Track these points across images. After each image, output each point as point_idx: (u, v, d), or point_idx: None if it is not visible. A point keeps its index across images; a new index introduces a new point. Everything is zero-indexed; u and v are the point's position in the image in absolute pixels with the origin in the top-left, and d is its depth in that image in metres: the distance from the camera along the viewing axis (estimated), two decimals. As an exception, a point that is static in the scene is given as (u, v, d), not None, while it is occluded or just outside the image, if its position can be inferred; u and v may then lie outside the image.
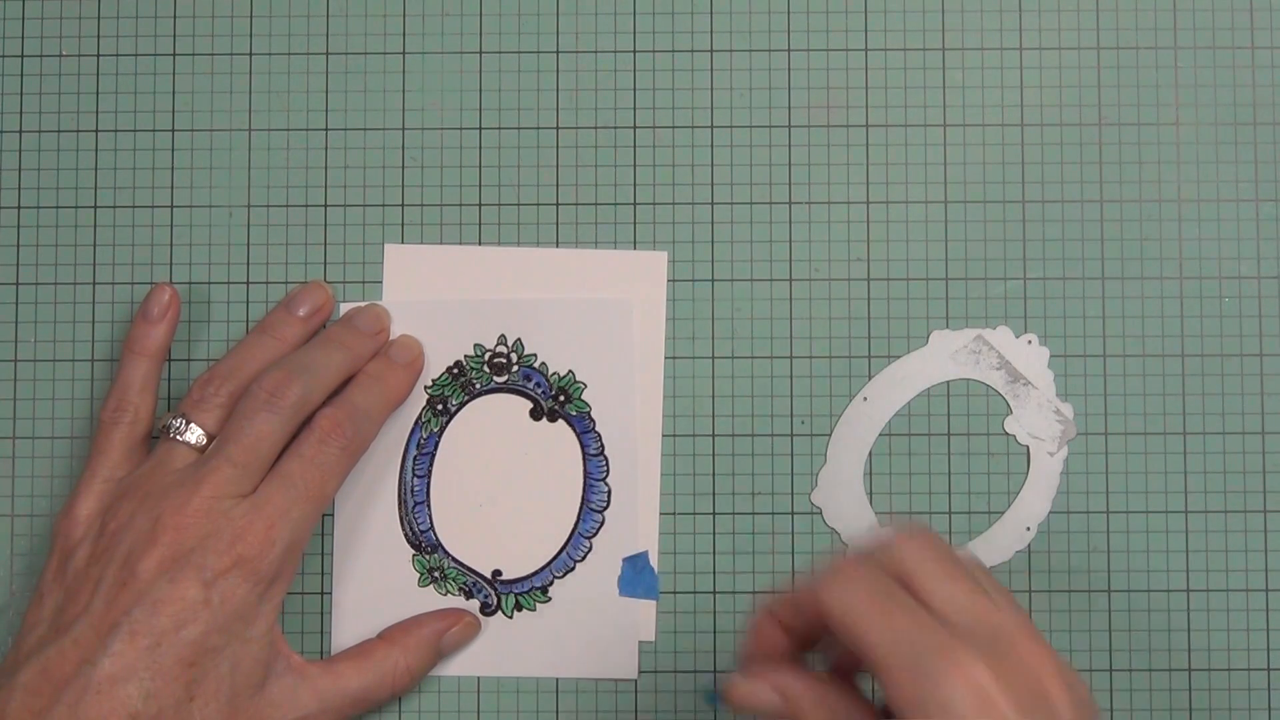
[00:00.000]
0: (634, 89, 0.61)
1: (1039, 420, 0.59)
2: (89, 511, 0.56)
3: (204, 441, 0.56)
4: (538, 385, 0.60)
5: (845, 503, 0.59)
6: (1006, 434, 0.59)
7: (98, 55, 0.61)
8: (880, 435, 0.59)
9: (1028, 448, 0.59)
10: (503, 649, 0.60)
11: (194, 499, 0.54)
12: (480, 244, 0.61)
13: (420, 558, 0.60)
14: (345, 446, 0.56)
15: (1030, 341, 0.59)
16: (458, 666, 0.59)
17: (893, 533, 0.49)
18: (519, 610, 0.60)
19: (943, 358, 0.59)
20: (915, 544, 0.48)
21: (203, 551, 0.53)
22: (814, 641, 0.50)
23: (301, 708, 0.55)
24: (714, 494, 0.60)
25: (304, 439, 0.56)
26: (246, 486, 0.55)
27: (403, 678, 0.58)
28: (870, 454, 0.59)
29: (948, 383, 0.59)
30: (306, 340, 0.59)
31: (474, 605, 0.60)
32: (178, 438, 0.56)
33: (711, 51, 0.61)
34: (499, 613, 0.60)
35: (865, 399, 0.59)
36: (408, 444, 0.60)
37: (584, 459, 0.60)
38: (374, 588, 0.60)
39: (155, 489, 0.55)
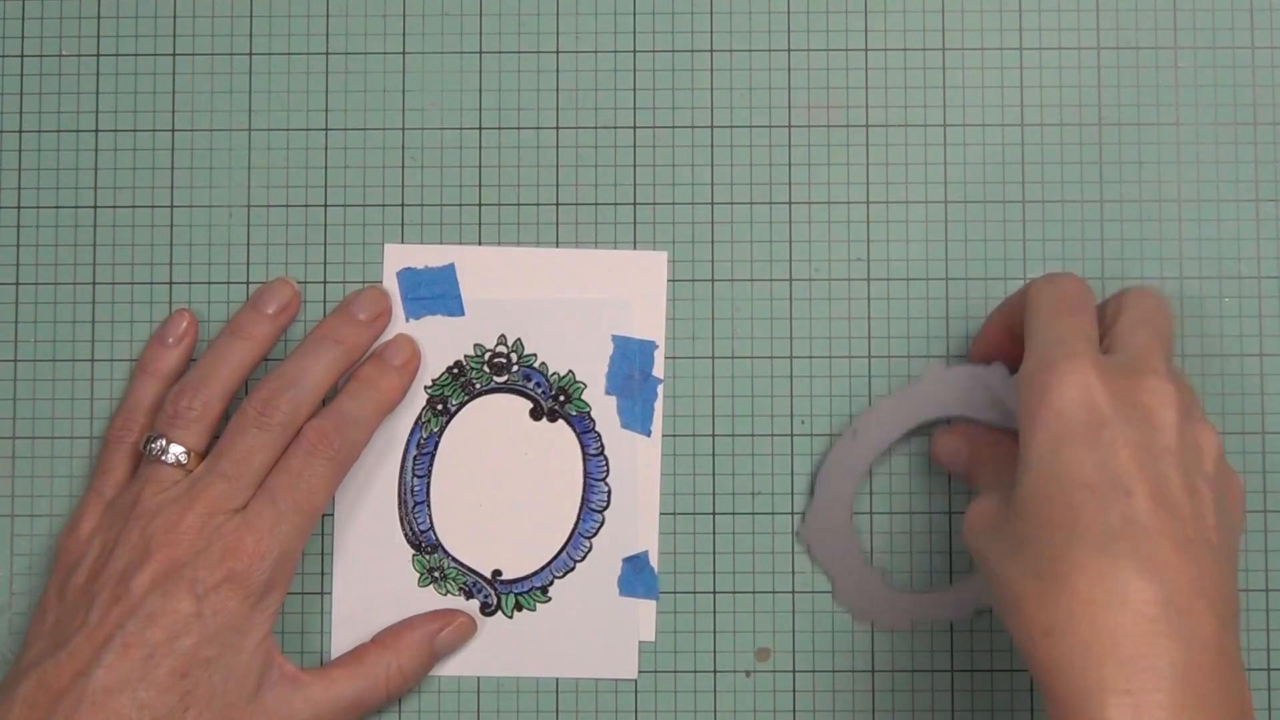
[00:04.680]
0: (634, 89, 0.59)
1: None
2: (90, 530, 0.54)
3: (185, 459, 0.54)
4: (538, 385, 0.58)
5: (832, 543, 0.57)
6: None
7: (98, 55, 0.59)
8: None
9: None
10: (503, 649, 0.57)
11: (188, 515, 0.52)
12: (480, 244, 0.59)
13: (420, 558, 0.57)
14: (333, 458, 0.54)
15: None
16: (458, 666, 0.57)
17: (1141, 288, 0.52)
18: (519, 610, 0.57)
19: (936, 392, 0.57)
20: (1145, 299, 0.52)
21: (194, 566, 0.52)
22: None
23: (295, 715, 0.53)
24: (714, 494, 0.58)
25: (292, 452, 0.54)
26: (239, 500, 0.53)
27: (395, 679, 0.55)
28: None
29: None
30: (277, 336, 0.57)
31: (474, 605, 0.57)
32: (162, 459, 0.54)
33: (711, 51, 0.59)
34: (499, 613, 0.57)
35: (855, 432, 0.57)
36: (408, 444, 0.57)
37: (584, 459, 0.58)
38: (374, 588, 0.57)
39: (148, 507, 0.53)
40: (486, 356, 0.58)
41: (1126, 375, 0.48)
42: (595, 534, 0.57)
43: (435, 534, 0.57)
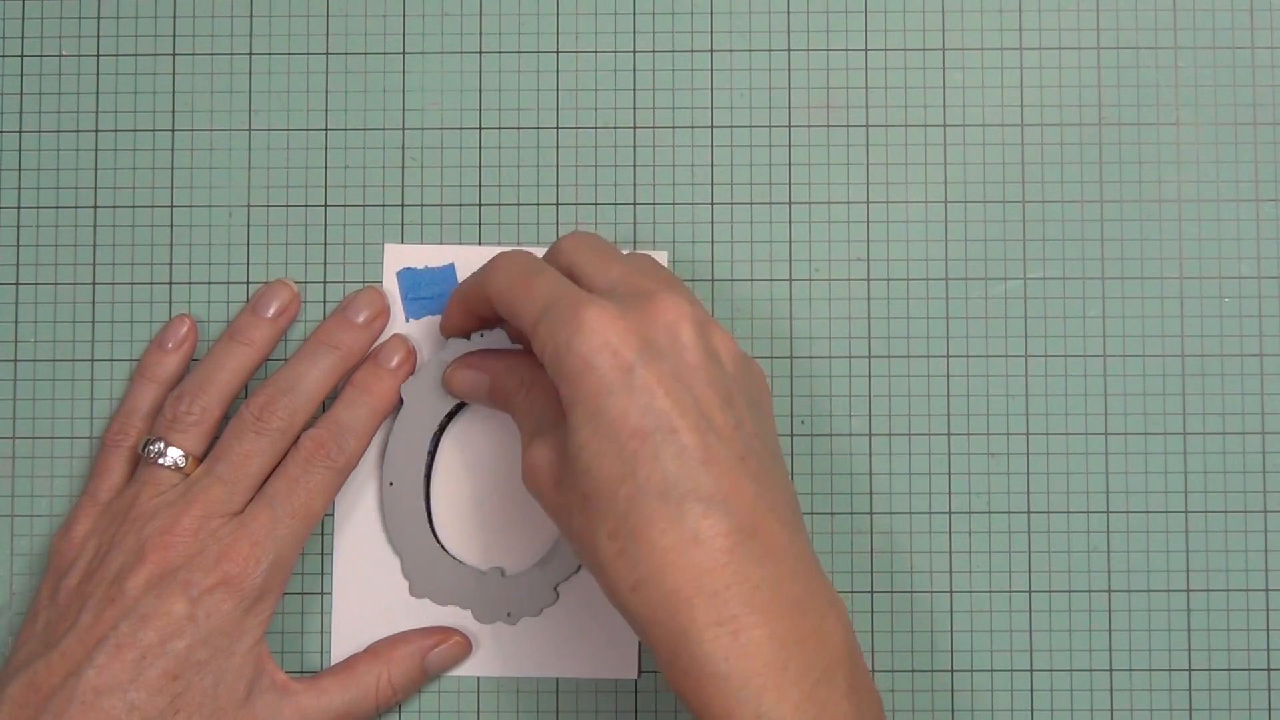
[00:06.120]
0: (634, 89, 0.58)
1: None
2: (84, 532, 0.53)
3: (183, 463, 0.53)
4: (538, 385, 0.58)
5: (405, 524, 0.56)
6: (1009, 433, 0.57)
7: (98, 55, 0.58)
8: (880, 435, 0.57)
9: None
10: (503, 649, 0.56)
11: (184, 518, 0.52)
12: (480, 244, 0.58)
13: (420, 558, 0.57)
14: (330, 466, 0.53)
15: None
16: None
17: (568, 236, 0.52)
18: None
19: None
20: (576, 239, 0.52)
21: (189, 569, 0.51)
22: (493, 322, 0.54)
23: None
24: (714, 494, 0.57)
25: (290, 459, 0.53)
26: (236, 504, 0.52)
27: (385, 691, 0.54)
28: (870, 453, 0.57)
29: (951, 376, 0.57)
30: (276, 340, 0.56)
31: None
32: (160, 462, 0.53)
33: (711, 51, 0.58)
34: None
35: (402, 402, 0.56)
36: (408, 444, 0.57)
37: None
38: (371, 589, 0.57)
39: (144, 510, 0.52)
40: (486, 356, 0.57)
41: (633, 305, 0.48)
42: (595, 534, 0.57)
43: (435, 534, 0.57)
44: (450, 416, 0.56)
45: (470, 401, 0.55)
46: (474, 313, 0.53)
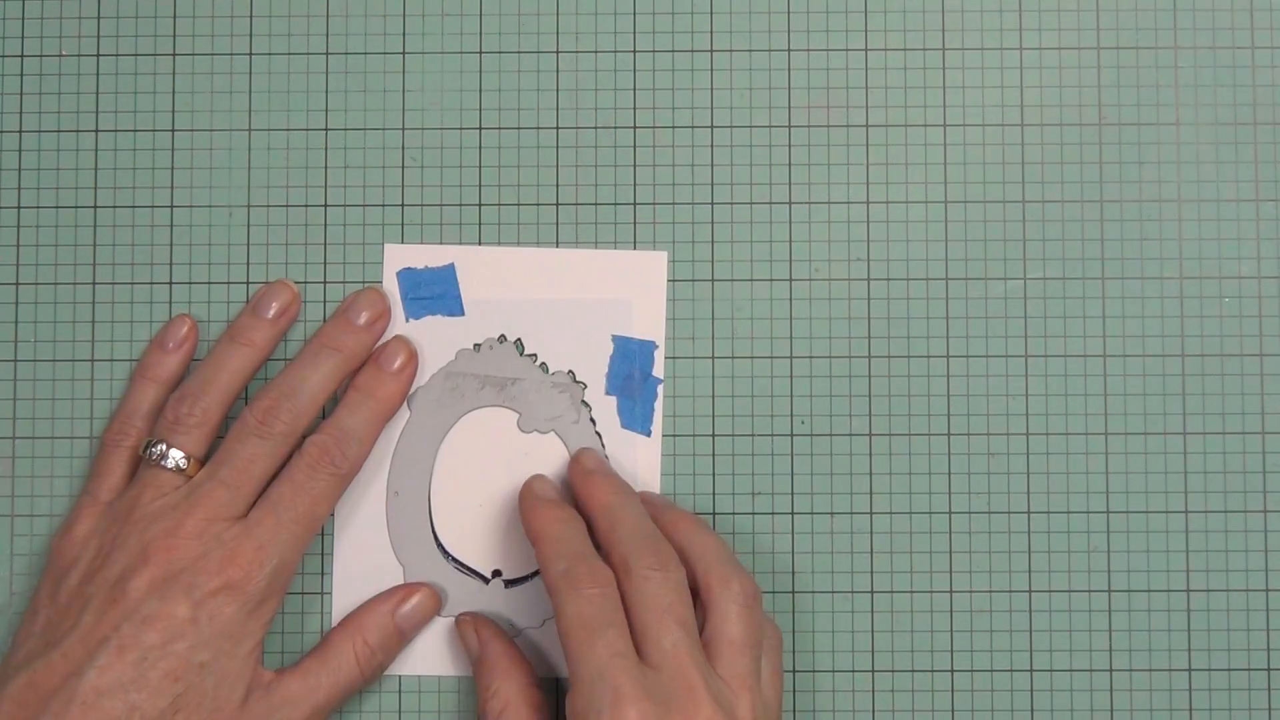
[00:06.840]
0: (634, 89, 0.58)
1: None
2: (85, 532, 0.53)
3: (185, 465, 0.53)
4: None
5: (410, 535, 0.56)
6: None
7: (98, 55, 0.58)
8: (880, 435, 0.57)
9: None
10: (503, 649, 0.57)
11: (187, 522, 0.52)
12: (480, 244, 0.58)
13: (420, 558, 0.57)
14: (334, 473, 0.53)
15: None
16: (458, 666, 0.56)
17: (650, 560, 0.50)
18: (519, 610, 0.57)
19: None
20: (659, 585, 0.50)
21: (193, 572, 0.51)
22: None
23: (287, 717, 0.52)
24: (714, 494, 0.57)
25: (294, 464, 0.53)
26: (239, 508, 0.52)
27: (364, 655, 0.54)
28: (870, 452, 0.57)
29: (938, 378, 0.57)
30: (277, 341, 0.56)
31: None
32: (162, 464, 0.53)
33: (711, 51, 0.58)
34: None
35: (410, 413, 0.56)
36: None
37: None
38: (371, 589, 0.57)
39: (148, 512, 0.52)
40: (486, 356, 0.57)
41: (671, 710, 0.48)
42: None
43: (435, 534, 0.57)
44: (449, 429, 0.56)
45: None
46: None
